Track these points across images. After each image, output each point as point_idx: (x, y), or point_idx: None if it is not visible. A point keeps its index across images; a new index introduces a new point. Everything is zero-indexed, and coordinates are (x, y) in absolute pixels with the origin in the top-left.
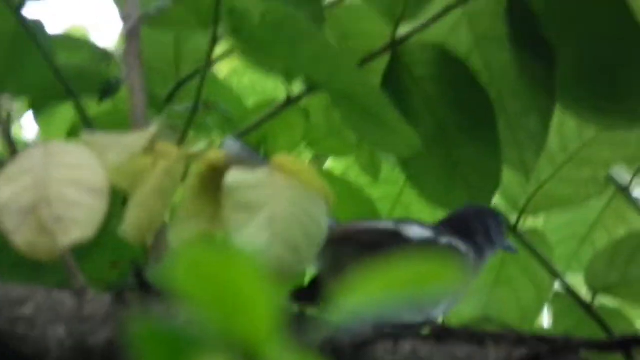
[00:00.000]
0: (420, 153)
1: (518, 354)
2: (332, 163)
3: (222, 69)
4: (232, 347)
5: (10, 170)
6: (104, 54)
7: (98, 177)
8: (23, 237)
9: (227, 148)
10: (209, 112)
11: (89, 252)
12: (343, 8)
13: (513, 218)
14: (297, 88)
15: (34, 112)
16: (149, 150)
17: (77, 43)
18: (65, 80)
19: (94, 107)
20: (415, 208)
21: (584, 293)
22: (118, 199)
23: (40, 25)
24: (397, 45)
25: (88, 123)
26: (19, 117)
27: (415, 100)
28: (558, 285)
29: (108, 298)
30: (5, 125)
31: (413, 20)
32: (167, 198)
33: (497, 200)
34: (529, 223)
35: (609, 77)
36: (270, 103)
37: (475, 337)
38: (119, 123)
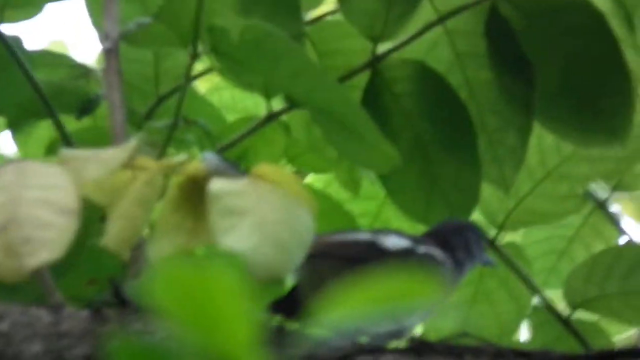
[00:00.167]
0: (400, 169)
1: None
2: (312, 179)
3: (202, 86)
4: None
5: None
6: (84, 70)
7: (70, 197)
8: None
9: (206, 162)
10: (189, 128)
11: (66, 269)
12: (323, 25)
13: (492, 233)
14: (277, 104)
15: (12, 130)
16: (129, 166)
17: (56, 59)
18: (45, 97)
19: (73, 123)
20: (395, 223)
21: (562, 308)
22: (96, 215)
23: (19, 42)
24: (377, 62)
25: (67, 140)
26: None
27: (395, 117)
28: (537, 300)
29: (86, 314)
30: None
31: (393, 38)
32: (147, 209)
33: (476, 216)
34: (508, 238)
35: (587, 95)
36: (251, 119)
37: (454, 351)
38: (99, 140)
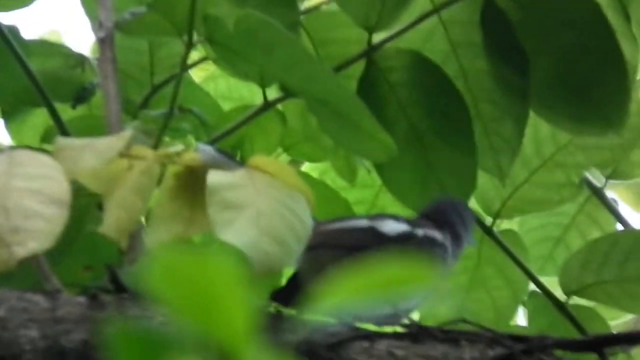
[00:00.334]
0: (396, 158)
1: (493, 354)
2: (308, 167)
3: (197, 75)
4: (208, 348)
5: None
6: (79, 59)
7: (61, 188)
8: None
9: (201, 154)
10: (184, 117)
11: (63, 255)
12: (319, 14)
13: (488, 221)
14: (273, 93)
15: (5, 118)
16: (124, 154)
17: (51, 48)
18: (40, 86)
19: (69, 112)
20: (391, 212)
21: (558, 295)
22: (92, 202)
23: (15, 31)
24: (372, 52)
25: (62, 129)
26: None
27: (391, 106)
28: (533, 286)
29: (82, 300)
30: None
31: (389, 28)
32: (145, 197)
33: (472, 204)
34: (504, 226)
35: (583, 85)
36: (247, 108)
37: (451, 337)
38: (94, 128)
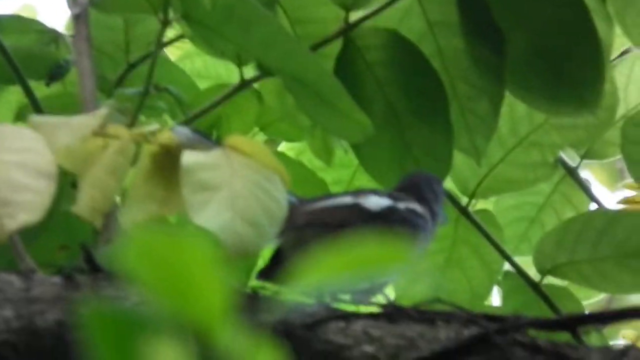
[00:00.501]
0: (373, 137)
1: (468, 333)
2: (285, 147)
3: (174, 53)
4: (183, 329)
5: None
6: (53, 36)
7: (46, 160)
8: None
9: (177, 134)
10: (160, 95)
11: (37, 235)
12: None
13: (464, 200)
14: (250, 72)
15: None
16: (99, 133)
17: (25, 24)
18: (13, 63)
19: (43, 89)
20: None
21: (533, 274)
22: (67, 182)
23: None
24: (349, 30)
25: (36, 106)
26: None
27: (368, 85)
28: (508, 266)
29: (57, 280)
30: None
31: (366, 6)
32: (119, 177)
33: (448, 183)
34: (479, 205)
35: (557, 63)
36: (223, 87)
37: (426, 316)
38: (68, 106)
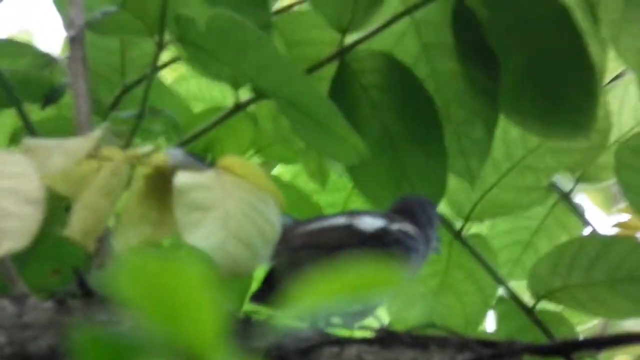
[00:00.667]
0: (368, 160)
1: (462, 359)
2: (280, 170)
3: (169, 76)
4: (176, 354)
5: None
6: (48, 59)
7: (34, 186)
8: None
9: (170, 157)
10: (155, 118)
11: (30, 259)
12: (291, 15)
13: (458, 224)
14: (245, 94)
15: None
16: (94, 156)
17: (20, 48)
18: (8, 86)
19: (38, 113)
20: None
21: (527, 299)
22: (60, 205)
23: None
24: (345, 53)
25: (31, 129)
26: None
27: (363, 108)
28: (502, 291)
29: (50, 305)
30: None
31: (361, 29)
32: (112, 199)
33: (442, 207)
34: (474, 229)
35: (551, 87)
36: (218, 109)
37: (420, 341)
38: (64, 129)
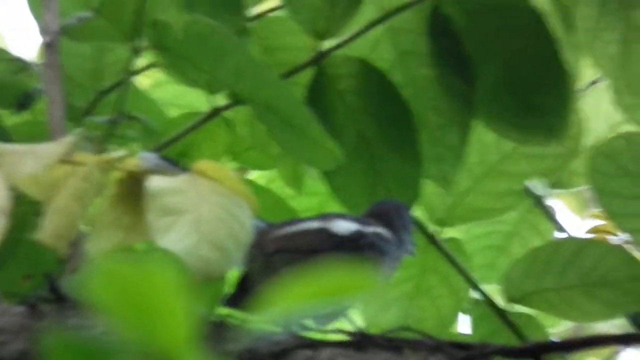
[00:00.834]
0: (344, 165)
1: None
2: (255, 175)
3: (144, 81)
4: (149, 358)
5: None
6: (23, 65)
7: (1, 195)
8: None
9: (143, 161)
10: (131, 124)
11: (1, 265)
12: (268, 21)
13: (433, 229)
14: (221, 100)
15: None
16: (66, 161)
17: None
18: None
19: (12, 118)
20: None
21: (500, 302)
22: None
23: None
24: (321, 59)
25: (4, 134)
26: None
27: (339, 114)
28: (476, 295)
29: (21, 310)
30: None
31: (337, 35)
32: (85, 203)
33: (418, 212)
34: (448, 233)
35: (526, 93)
36: (194, 115)
37: (394, 344)
38: (38, 134)
